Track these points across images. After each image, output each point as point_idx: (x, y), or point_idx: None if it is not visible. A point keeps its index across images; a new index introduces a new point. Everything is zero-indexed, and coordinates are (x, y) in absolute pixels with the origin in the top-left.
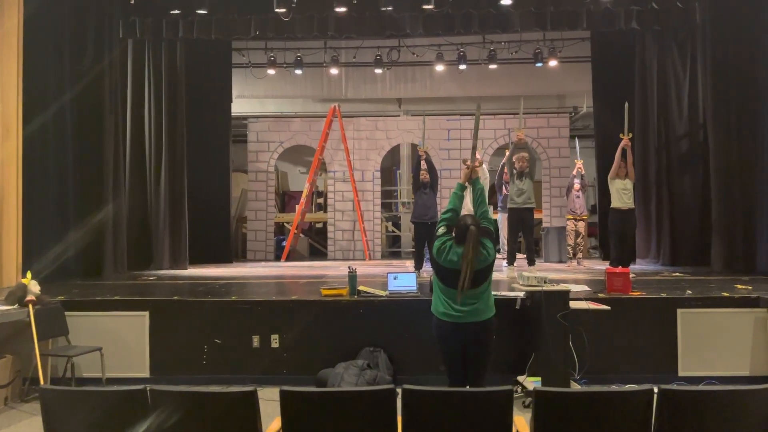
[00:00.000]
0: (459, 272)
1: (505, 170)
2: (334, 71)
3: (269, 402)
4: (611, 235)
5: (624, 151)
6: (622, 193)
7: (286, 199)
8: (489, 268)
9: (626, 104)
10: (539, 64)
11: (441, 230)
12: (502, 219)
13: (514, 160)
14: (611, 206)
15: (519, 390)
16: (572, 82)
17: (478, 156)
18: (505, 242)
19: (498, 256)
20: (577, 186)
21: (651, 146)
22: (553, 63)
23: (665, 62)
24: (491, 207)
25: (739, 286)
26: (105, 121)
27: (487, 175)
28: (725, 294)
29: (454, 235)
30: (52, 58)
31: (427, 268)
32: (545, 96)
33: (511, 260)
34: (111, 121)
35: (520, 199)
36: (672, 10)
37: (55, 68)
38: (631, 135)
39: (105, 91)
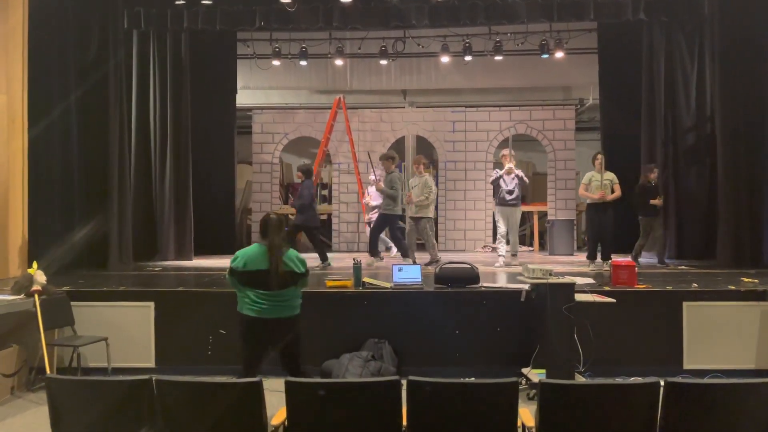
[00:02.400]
0: (267, 271)
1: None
2: (338, 62)
3: (274, 393)
4: (588, 228)
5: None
6: (597, 187)
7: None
8: (295, 276)
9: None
10: (545, 56)
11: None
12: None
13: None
14: (588, 200)
15: (524, 382)
16: (578, 73)
17: None
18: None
19: (501, 247)
20: None
21: (658, 139)
22: (559, 54)
23: (673, 54)
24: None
25: (746, 279)
26: (110, 112)
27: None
28: (731, 287)
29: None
30: (57, 51)
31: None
32: (551, 88)
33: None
34: (116, 112)
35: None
36: (680, 1)
37: (60, 60)
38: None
39: (110, 82)
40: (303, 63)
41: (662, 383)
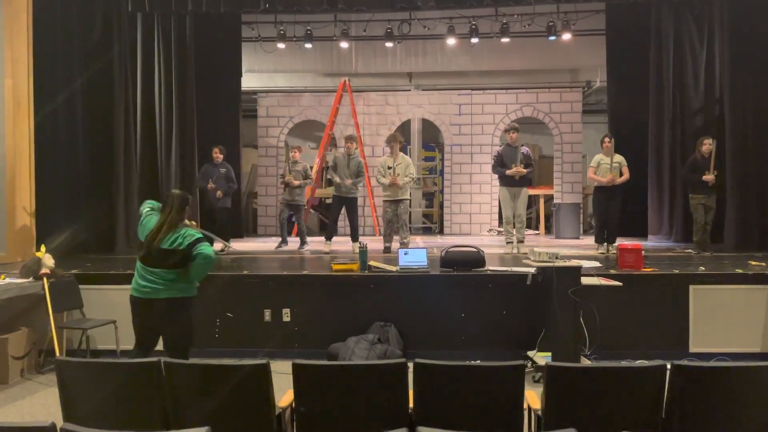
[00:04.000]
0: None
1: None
2: (344, 45)
3: (281, 375)
4: (594, 210)
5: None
6: (606, 170)
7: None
8: (185, 257)
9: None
10: (552, 38)
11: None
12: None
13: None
14: (596, 184)
15: (529, 365)
16: (586, 55)
17: None
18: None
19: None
20: None
21: (665, 121)
22: (566, 36)
23: (682, 35)
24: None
25: (753, 263)
26: (115, 95)
27: None
28: (738, 270)
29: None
30: (61, 34)
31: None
32: (558, 70)
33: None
34: (121, 95)
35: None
36: None
37: (65, 43)
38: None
39: (114, 65)
40: (308, 46)
41: (668, 366)
